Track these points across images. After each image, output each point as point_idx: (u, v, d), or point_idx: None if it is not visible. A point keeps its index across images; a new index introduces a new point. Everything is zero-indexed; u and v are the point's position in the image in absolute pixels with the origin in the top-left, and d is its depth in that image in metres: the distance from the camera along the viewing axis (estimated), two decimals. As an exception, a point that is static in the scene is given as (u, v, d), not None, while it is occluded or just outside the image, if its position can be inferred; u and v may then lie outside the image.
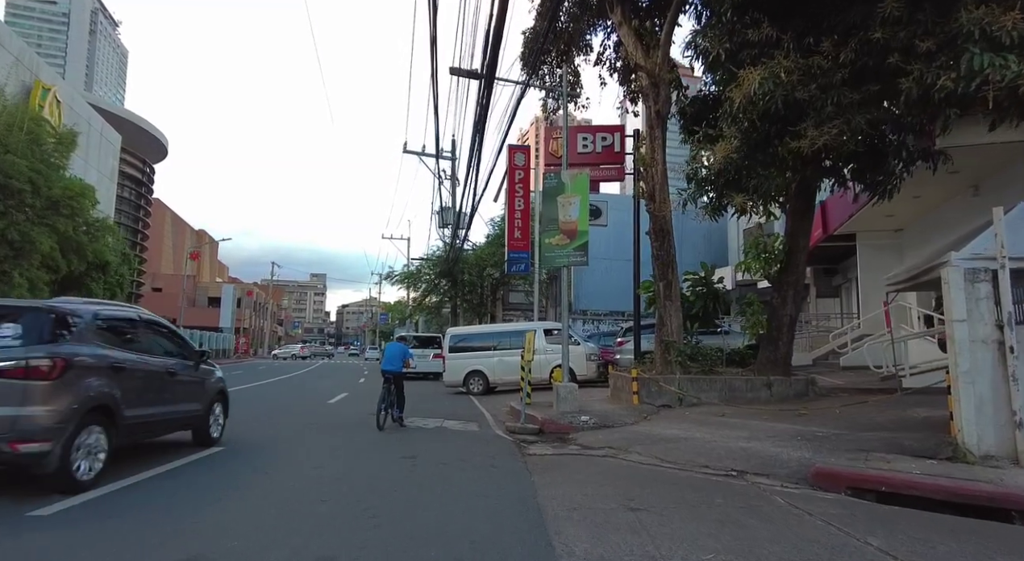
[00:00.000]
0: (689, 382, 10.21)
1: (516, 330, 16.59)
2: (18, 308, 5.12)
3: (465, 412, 11.53)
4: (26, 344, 4.53)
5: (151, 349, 5.98)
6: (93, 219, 22.77)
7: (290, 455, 6.50)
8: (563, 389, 9.62)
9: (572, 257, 9.98)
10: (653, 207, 11.11)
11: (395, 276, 30.47)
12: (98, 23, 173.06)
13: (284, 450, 6.87)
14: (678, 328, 10.85)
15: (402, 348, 9.07)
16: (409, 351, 9.16)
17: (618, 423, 8.93)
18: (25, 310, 5.00)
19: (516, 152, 21.05)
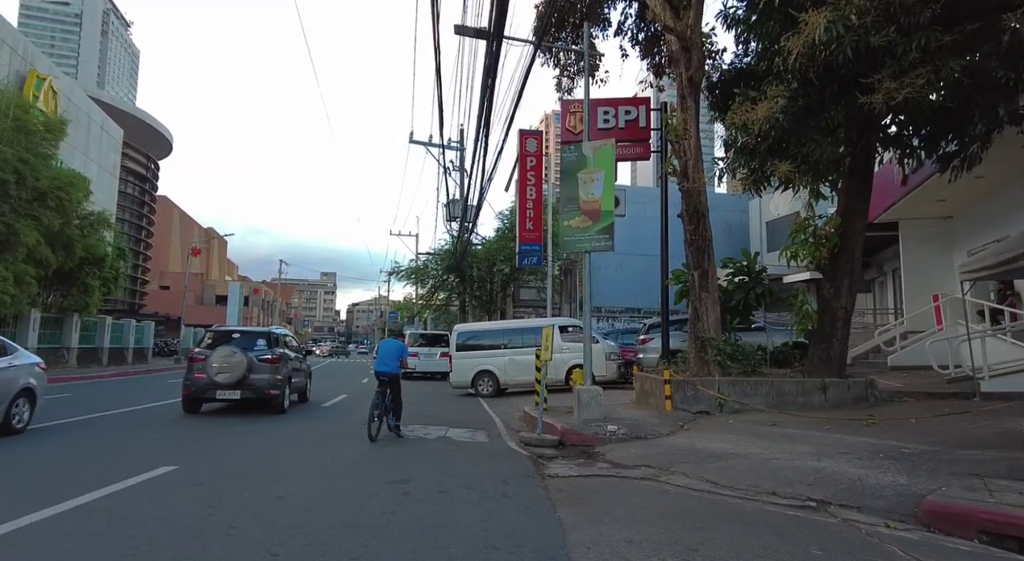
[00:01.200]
0: (730, 385, 8.90)
1: (528, 327, 15.34)
2: (263, 332, 11.11)
3: (473, 418, 10.29)
4: (269, 349, 10.33)
5: (293, 348, 11.99)
6: (86, 212, 21.80)
7: (253, 476, 5.28)
8: (585, 393, 8.34)
9: (595, 241, 8.68)
10: (686, 185, 9.79)
11: (401, 271, 29.32)
12: (110, 24, 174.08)
13: (249, 468, 5.66)
14: (715, 323, 9.52)
15: (398, 346, 7.84)
16: (407, 349, 7.91)
17: (651, 433, 7.64)
18: (264, 333, 10.99)
19: (527, 137, 19.76)
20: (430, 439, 7.67)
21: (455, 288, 28.55)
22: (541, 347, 8.08)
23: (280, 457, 6.29)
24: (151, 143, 48.31)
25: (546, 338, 7.89)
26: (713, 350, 9.24)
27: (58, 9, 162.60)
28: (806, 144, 7.58)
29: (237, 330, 11.03)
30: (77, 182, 20.31)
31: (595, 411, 8.29)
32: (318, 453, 6.53)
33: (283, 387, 10.17)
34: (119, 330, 27.33)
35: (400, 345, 7.86)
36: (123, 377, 20.56)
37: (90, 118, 31.55)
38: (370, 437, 7.11)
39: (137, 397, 12.65)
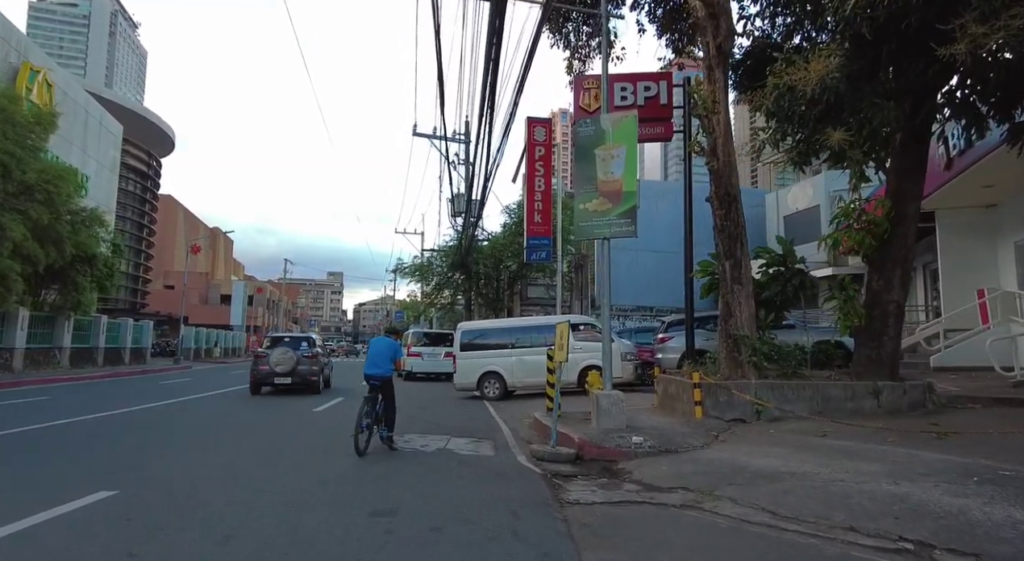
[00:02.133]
0: (768, 389, 7.85)
1: (537, 325, 14.33)
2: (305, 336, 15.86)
3: (477, 424, 9.30)
4: (310, 348, 14.46)
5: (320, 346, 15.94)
6: (79, 207, 21.02)
7: (203, 506, 4.31)
8: (605, 399, 7.33)
9: (615, 226, 7.66)
10: (716, 164, 8.74)
11: (405, 268, 28.33)
12: (118, 25, 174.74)
13: (203, 494, 4.69)
14: (749, 319, 8.47)
15: (391, 345, 6.85)
16: (400, 349, 6.92)
17: (683, 446, 6.61)
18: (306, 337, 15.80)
19: (536, 126, 18.77)
20: (428, 452, 6.68)
21: (460, 286, 27.57)
22: (554, 346, 7.07)
23: (246, 477, 5.31)
24: (153, 140, 47.67)
25: (560, 336, 6.88)
26: (748, 349, 8.20)
27: (66, 11, 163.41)
28: (864, 109, 6.53)
29: (288, 335, 16.78)
30: (67, 176, 19.52)
31: (616, 419, 7.27)
32: (293, 472, 5.55)
33: (319, 375, 14.32)
34: (116, 330, 26.57)
35: (393, 344, 6.86)
36: (115, 378, 19.75)
37: (88, 113, 30.81)
38: (357, 451, 6.13)
39: (120, 400, 11.77)
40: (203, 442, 7.20)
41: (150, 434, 7.76)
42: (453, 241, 27.03)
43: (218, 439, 7.46)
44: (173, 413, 10.16)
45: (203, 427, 8.52)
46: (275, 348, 13.89)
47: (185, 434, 7.80)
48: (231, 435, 7.79)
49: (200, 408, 11.17)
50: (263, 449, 6.74)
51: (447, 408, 11.82)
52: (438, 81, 11.00)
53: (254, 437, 7.63)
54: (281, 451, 6.58)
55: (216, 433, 7.96)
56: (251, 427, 8.66)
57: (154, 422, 8.92)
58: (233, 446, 6.92)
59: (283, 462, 5.99)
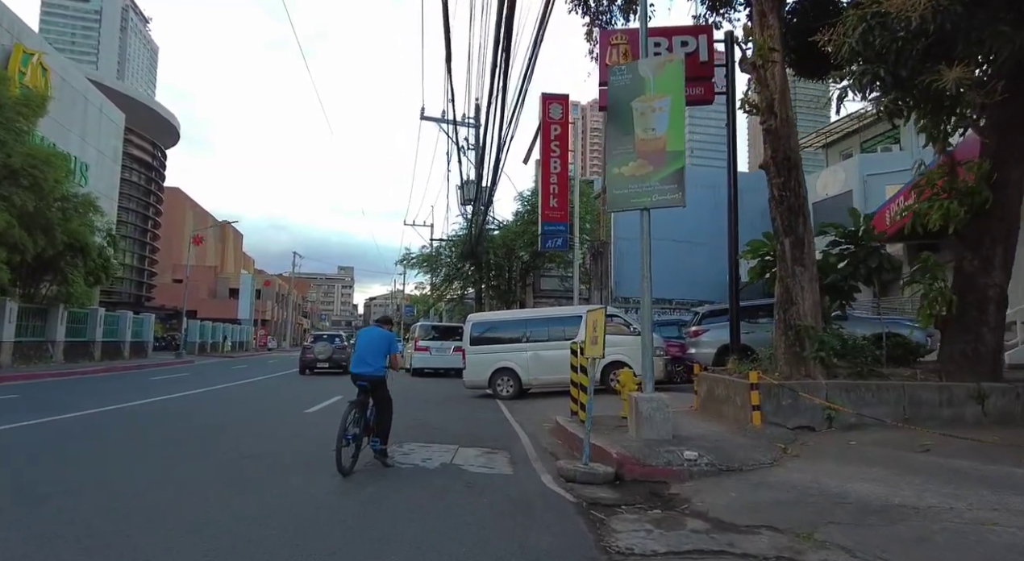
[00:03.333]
0: (841, 391, 6.49)
1: (555, 317, 13.01)
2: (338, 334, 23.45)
3: (490, 429, 8.01)
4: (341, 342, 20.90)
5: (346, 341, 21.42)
6: (70, 193, 19.96)
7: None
8: (646, 403, 6.00)
9: (658, 194, 6.30)
10: (773, 123, 7.34)
11: (413, 258, 27.06)
12: (129, 20, 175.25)
13: (134, 530, 3.45)
14: (814, 307, 7.09)
15: (385, 337, 5.55)
16: (396, 342, 5.62)
17: (748, 462, 5.28)
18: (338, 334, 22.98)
19: (551, 102, 17.38)
20: (430, 469, 5.39)
21: (470, 277, 26.27)
22: (577, 339, 5.75)
23: (192, 507, 4.06)
24: (157, 131, 46.73)
25: (593, 326, 5.56)
26: (814, 343, 6.82)
27: (78, 6, 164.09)
28: (988, 39, 5.13)
29: (326, 334, 23.55)
30: (55, 160, 18.43)
31: (661, 428, 5.94)
32: (253, 501, 4.28)
33: (347, 361, 16.44)
34: (114, 322, 25.65)
35: (387, 336, 5.55)
36: (107, 374, 18.73)
37: (87, 100, 29.85)
38: (340, 469, 4.86)
39: (98, 398, 10.66)
40: (158, 454, 5.98)
41: (98, 443, 6.55)
42: (463, 229, 25.72)
43: (180, 449, 6.24)
44: (146, 414, 9.00)
45: (169, 433, 7.31)
46: (317, 342, 20.95)
47: (141, 443, 6.59)
48: (198, 443, 6.57)
49: (180, 407, 10.02)
50: (228, 464, 5.49)
51: (456, 409, 10.56)
52: (445, 51, 9.70)
53: (224, 446, 6.40)
54: (249, 468, 5.33)
55: (182, 440, 6.75)
56: (226, 432, 7.43)
57: (114, 426, 7.73)
58: (193, 460, 5.69)
59: (246, 485, 4.73)
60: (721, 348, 11.43)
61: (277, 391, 13.83)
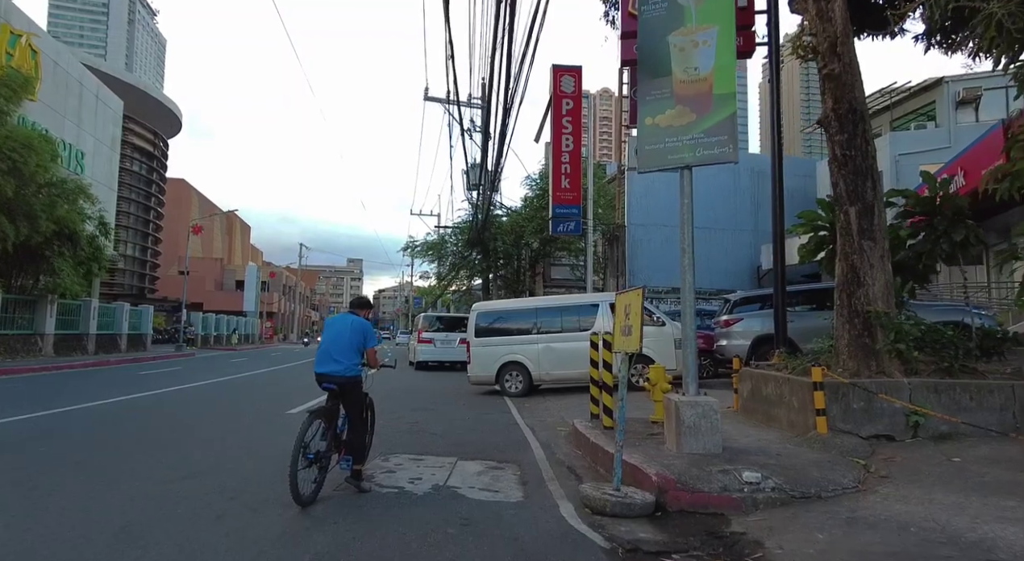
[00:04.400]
0: (930, 391, 5.26)
1: (569, 305, 11.81)
2: None
3: (496, 436, 6.85)
4: None
5: None
6: (57, 179, 18.98)
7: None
8: (690, 409, 4.80)
9: (703, 147, 5.05)
10: (836, 67, 6.06)
11: (417, 246, 25.87)
12: (136, 12, 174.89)
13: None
14: (886, 290, 5.84)
15: (359, 327, 4.29)
16: (372, 332, 4.42)
17: (825, 486, 4.08)
18: None
19: (563, 75, 16.08)
20: (417, 496, 4.24)
21: (477, 266, 25.09)
22: (614, 329, 4.57)
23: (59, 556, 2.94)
24: (158, 119, 45.80)
25: (625, 313, 4.36)
26: (889, 333, 5.58)
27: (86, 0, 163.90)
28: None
29: None
30: (37, 144, 17.43)
31: (708, 439, 4.75)
32: (159, 549, 3.16)
33: None
34: (109, 315, 24.78)
35: (360, 325, 4.35)
36: (96, 367, 17.82)
37: (82, 85, 28.89)
38: (297, 498, 3.72)
39: (73, 396, 9.67)
40: (82, 471, 4.88)
41: (16, 456, 5.47)
42: (469, 215, 24.51)
43: (111, 465, 5.13)
44: (107, 415, 7.95)
45: (116, 441, 6.23)
46: None
47: (70, 455, 5.49)
48: (141, 456, 5.47)
49: (150, 407, 8.97)
50: (158, 487, 4.37)
51: (458, 409, 9.42)
52: (447, 34, 8.48)
53: (168, 460, 5.30)
54: (181, 493, 4.21)
55: (123, 451, 5.66)
56: (181, 441, 6.34)
57: (57, 432, 6.66)
58: (117, 481, 4.58)
59: (165, 523, 3.59)
60: (756, 340, 10.22)
61: (265, 388, 12.79)
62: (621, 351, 4.38)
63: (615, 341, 4.53)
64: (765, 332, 10.16)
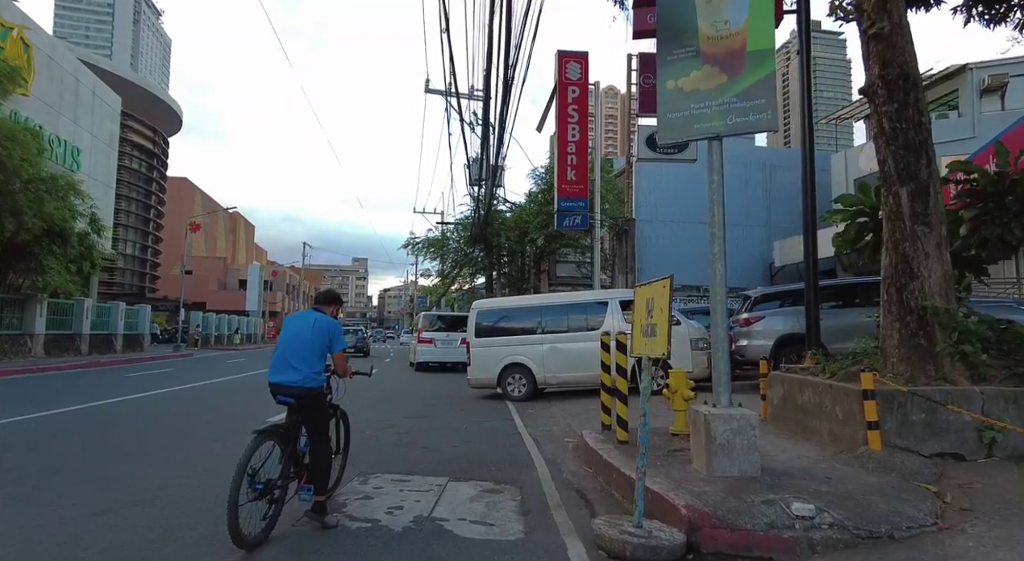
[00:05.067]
0: (1007, 402, 4.47)
1: (576, 303, 11.03)
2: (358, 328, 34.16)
3: (495, 450, 6.09)
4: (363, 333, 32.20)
5: None
6: (47, 174, 18.34)
7: None
8: (722, 423, 4.03)
9: (737, 112, 4.27)
10: (885, 26, 5.26)
11: (418, 242, 25.12)
12: (141, 13, 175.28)
13: None
14: (944, 282, 5.05)
15: (322, 326, 3.53)
16: (341, 334, 3.64)
17: (897, 523, 3.30)
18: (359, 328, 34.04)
19: (568, 61, 15.31)
20: (394, 533, 3.48)
21: (480, 263, 24.31)
22: (633, 329, 3.80)
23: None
24: (158, 117, 45.26)
25: (647, 309, 3.59)
26: (951, 332, 4.79)
27: (92, 0, 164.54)
28: None
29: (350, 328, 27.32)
30: (22, 137, 16.82)
31: (744, 460, 3.98)
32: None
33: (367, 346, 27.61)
34: (105, 314, 24.20)
35: (325, 325, 3.57)
36: (84, 369, 17.19)
37: (78, 81, 28.32)
38: (236, 539, 2.97)
39: (41, 401, 9.01)
40: (9, 499, 4.17)
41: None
42: (471, 210, 23.74)
43: (49, 490, 4.41)
44: (62, 425, 7.24)
45: (58, 458, 5.51)
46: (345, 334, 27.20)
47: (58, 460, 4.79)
48: (87, 477, 4.75)
49: (115, 414, 8.28)
50: (100, 517, 3.66)
51: (456, 415, 8.68)
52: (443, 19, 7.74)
53: (113, 480, 4.58)
54: (125, 526, 3.48)
55: (64, 474, 4.94)
56: (138, 457, 5.62)
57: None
58: (53, 506, 3.87)
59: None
60: (780, 339, 9.43)
61: (256, 389, 12.08)
62: (643, 356, 3.60)
63: (634, 343, 3.76)
64: (789, 331, 9.38)
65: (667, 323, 3.27)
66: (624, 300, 10.35)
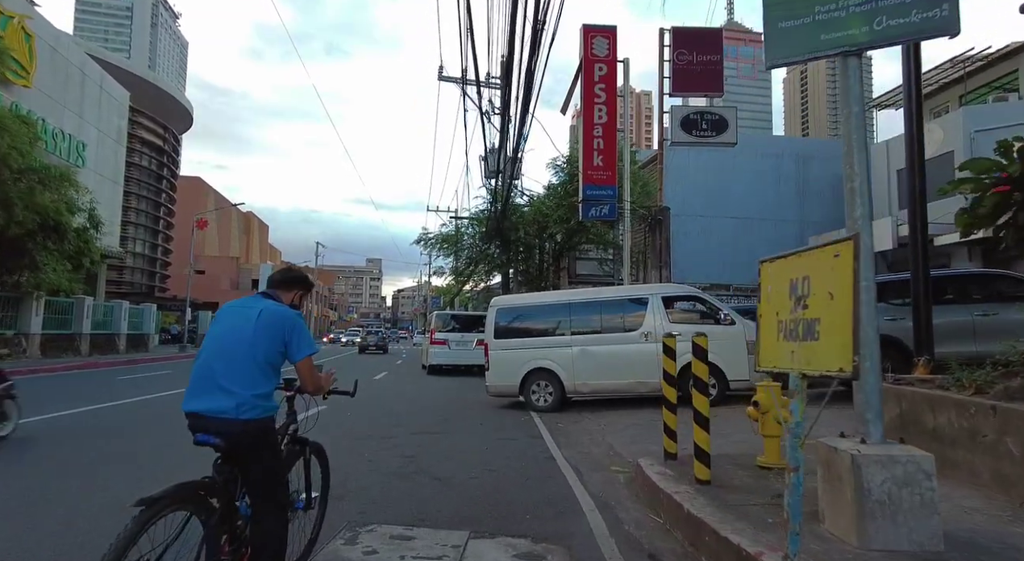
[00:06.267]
0: None
1: (611, 300, 9.66)
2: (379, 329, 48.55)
3: (527, 488, 4.76)
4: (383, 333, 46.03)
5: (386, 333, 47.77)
6: (40, 164, 17.41)
7: None
8: (879, 469, 2.68)
9: (889, 12, 2.93)
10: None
11: (430, 238, 23.88)
12: (159, 16, 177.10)
13: None
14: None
15: (273, 320, 2.24)
16: (305, 331, 2.36)
17: None
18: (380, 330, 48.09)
19: (594, 36, 13.97)
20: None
21: (496, 260, 23.01)
22: (760, 321, 2.52)
23: None
24: (169, 114, 44.67)
25: (796, 288, 2.26)
26: None
27: (111, 3, 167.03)
28: None
29: (373, 329, 47.37)
30: (10, 124, 15.89)
31: (919, 525, 2.63)
32: None
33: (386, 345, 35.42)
34: (107, 313, 23.32)
35: (278, 319, 2.27)
36: (77, 371, 16.21)
37: (84, 74, 27.55)
38: None
39: None
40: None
41: None
42: (486, 203, 22.43)
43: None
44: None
45: None
46: (369, 336, 34.86)
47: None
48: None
49: (78, 428, 7.11)
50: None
51: (473, 431, 7.38)
52: None
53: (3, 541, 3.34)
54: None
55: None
56: (61, 495, 4.41)
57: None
58: None
59: None
60: (920, 344, 7.99)
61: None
62: (787, 370, 2.26)
63: (770, 350, 2.42)
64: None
65: (849, 315, 1.93)
66: (667, 296, 8.98)
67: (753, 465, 4.34)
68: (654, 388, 8.59)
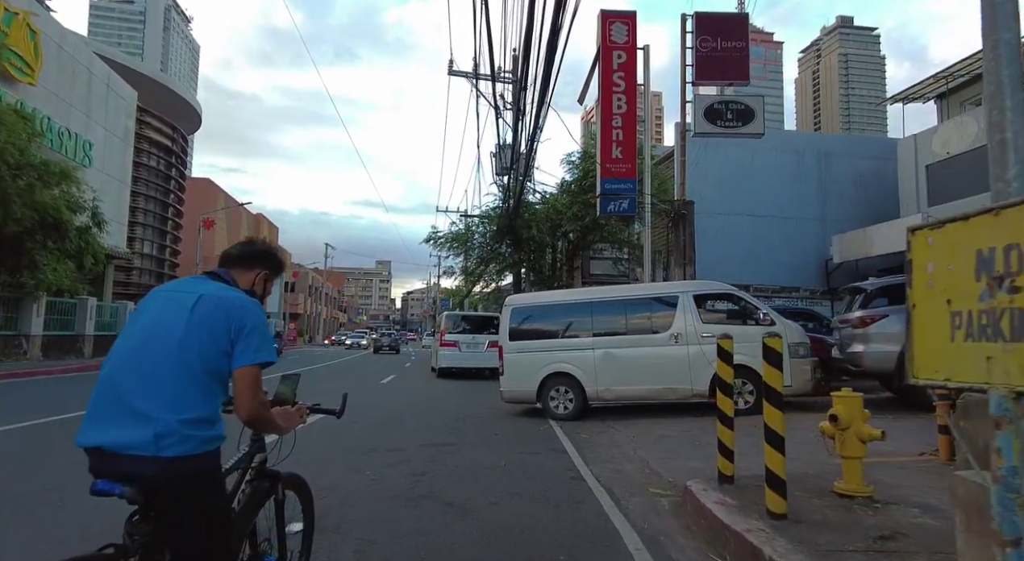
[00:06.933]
0: None
1: (638, 298, 8.90)
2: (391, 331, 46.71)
3: (556, 516, 4.04)
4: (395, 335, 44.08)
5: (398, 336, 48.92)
6: (40, 160, 16.94)
7: None
8: None
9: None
10: None
11: (440, 237, 23.23)
12: (171, 20, 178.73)
13: None
14: None
15: (217, 311, 1.56)
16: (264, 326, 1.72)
17: None
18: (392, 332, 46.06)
19: (613, 22, 13.26)
20: None
21: (507, 259, 22.33)
22: (911, 311, 2.16)
23: None
24: (178, 114, 44.49)
25: (977, 272, 1.54)
26: None
27: (124, 8, 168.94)
28: None
29: (385, 331, 48.25)
30: (8, 118, 15.45)
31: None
32: None
33: (399, 346, 38.74)
34: (112, 314, 22.90)
35: (223, 308, 1.59)
36: (73, 374, 15.71)
37: (91, 72, 27.23)
38: None
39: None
40: None
41: None
42: (498, 200, 21.75)
43: None
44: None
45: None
46: (383, 338, 37.69)
47: None
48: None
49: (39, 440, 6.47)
50: None
51: (488, 443, 6.67)
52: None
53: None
54: None
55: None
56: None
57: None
58: None
59: None
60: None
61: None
62: (977, 384, 1.54)
63: (938, 355, 1.71)
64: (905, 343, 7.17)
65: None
66: (699, 295, 8.24)
67: (829, 491, 3.60)
68: (684, 395, 7.87)
